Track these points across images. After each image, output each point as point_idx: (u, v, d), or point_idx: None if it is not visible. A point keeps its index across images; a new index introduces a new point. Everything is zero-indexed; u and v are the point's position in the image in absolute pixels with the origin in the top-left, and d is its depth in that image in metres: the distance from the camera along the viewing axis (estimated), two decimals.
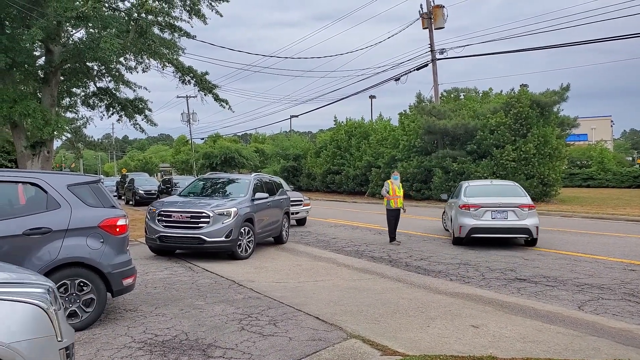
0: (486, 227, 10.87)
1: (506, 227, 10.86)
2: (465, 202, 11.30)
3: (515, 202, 11.13)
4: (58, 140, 21.48)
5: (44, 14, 13.44)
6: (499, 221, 10.87)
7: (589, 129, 55.99)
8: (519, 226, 10.80)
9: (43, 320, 2.64)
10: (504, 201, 11.15)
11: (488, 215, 10.92)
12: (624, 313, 5.94)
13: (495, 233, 10.96)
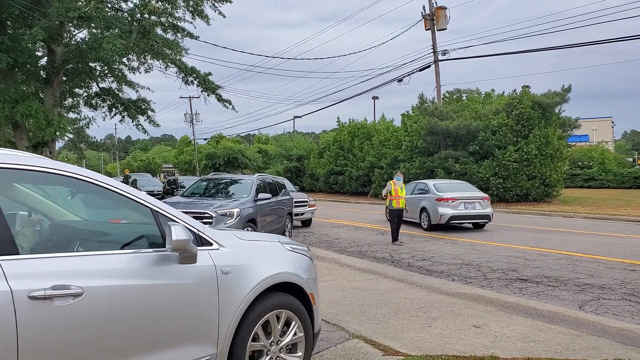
0: (461, 215, 14.29)
1: (475, 214, 14.46)
2: (442, 196, 14.40)
3: (479, 195, 14.94)
4: (60, 140, 21.60)
5: (46, 14, 13.50)
6: (470, 210, 14.38)
7: (590, 130, 55.96)
8: (483, 213, 14.55)
9: (312, 267, 4.04)
10: (471, 195, 14.75)
11: (462, 206, 14.33)
12: (624, 313, 5.96)
13: (468, 219, 14.54)
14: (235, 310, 3.14)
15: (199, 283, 2.99)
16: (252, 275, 3.29)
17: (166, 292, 2.81)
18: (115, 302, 2.57)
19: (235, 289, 3.16)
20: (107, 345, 2.54)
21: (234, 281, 3.17)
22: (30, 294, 2.27)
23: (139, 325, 2.68)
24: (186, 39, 16.69)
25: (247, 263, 3.32)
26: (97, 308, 2.48)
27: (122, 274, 2.65)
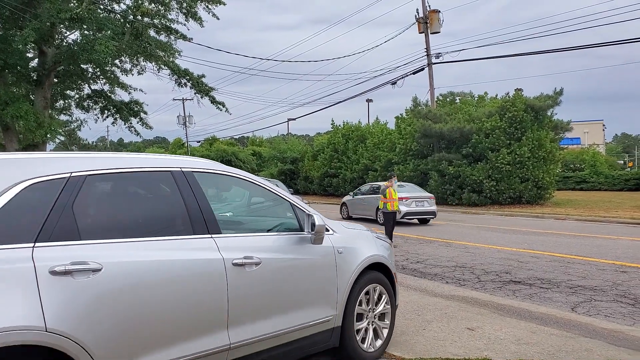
0: (413, 212, 16.63)
1: (424, 211, 16.83)
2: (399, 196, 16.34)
3: (426, 195, 17.33)
4: (51, 143, 21.42)
5: (37, 15, 13.40)
6: (420, 208, 16.73)
7: (582, 132, 56.43)
8: (431, 210, 16.94)
9: (392, 252, 4.85)
10: (420, 195, 17.24)
11: (414, 204, 16.68)
12: (616, 314, 5.98)
13: (418, 215, 16.88)
14: (347, 281, 4.06)
15: (324, 259, 3.94)
16: (357, 255, 4.23)
17: (305, 264, 3.78)
18: (278, 269, 3.54)
19: (346, 265, 4.10)
20: (274, 300, 3.48)
21: (346, 259, 4.11)
22: (233, 261, 3.21)
23: (291, 288, 3.63)
24: (179, 40, 16.65)
25: (352, 246, 4.26)
26: (268, 273, 3.43)
27: (280, 249, 3.61)
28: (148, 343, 2.74)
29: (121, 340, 2.61)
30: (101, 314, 2.54)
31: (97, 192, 2.88)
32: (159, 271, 2.84)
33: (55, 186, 2.64)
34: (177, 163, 3.35)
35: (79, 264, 2.51)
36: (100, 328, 2.52)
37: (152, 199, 3.22)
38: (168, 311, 2.85)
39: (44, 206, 2.56)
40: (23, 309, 2.28)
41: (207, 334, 3.03)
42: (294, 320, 3.61)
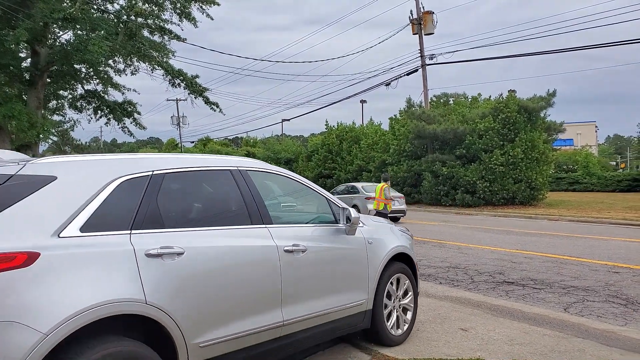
0: (392, 209, 16.65)
1: (399, 209, 17.83)
2: (370, 195, 17.20)
3: (397, 195, 18.27)
4: (44, 143, 21.29)
5: (30, 15, 13.32)
6: (396, 206, 17.27)
7: (575, 134, 56.78)
8: (401, 209, 18.05)
9: (413, 244, 5.31)
10: (396, 195, 18.01)
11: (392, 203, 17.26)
12: (608, 314, 6.02)
13: (395, 213, 17.38)
14: (376, 269, 4.53)
15: (357, 248, 4.39)
16: (384, 246, 4.70)
17: (341, 252, 4.24)
18: (320, 256, 4.01)
19: (376, 254, 4.55)
20: (318, 284, 3.97)
21: (375, 249, 4.56)
22: (284, 248, 3.65)
23: (331, 273, 4.11)
24: (173, 41, 16.63)
25: (380, 237, 4.72)
26: (312, 260, 3.91)
27: (320, 239, 4.08)
28: (220, 317, 3.17)
29: (200, 313, 3.03)
30: (184, 290, 2.96)
31: (174, 188, 3.30)
32: (228, 255, 3.31)
33: (142, 182, 3.07)
34: (234, 162, 3.85)
35: (167, 248, 2.95)
36: (184, 302, 2.94)
37: (216, 194, 3.69)
38: (236, 290, 3.30)
39: (134, 199, 2.99)
40: (128, 285, 2.70)
41: (266, 311, 3.48)
42: (333, 302, 4.07)
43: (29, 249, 2.43)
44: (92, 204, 2.79)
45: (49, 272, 2.46)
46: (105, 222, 2.80)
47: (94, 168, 3.01)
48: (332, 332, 4.18)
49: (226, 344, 3.19)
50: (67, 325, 2.38)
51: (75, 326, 2.41)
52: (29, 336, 2.28)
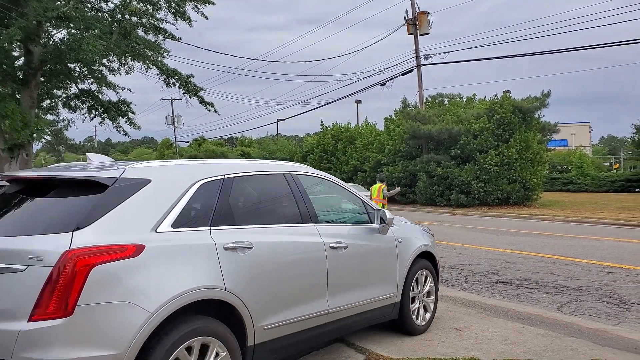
0: None
1: None
2: None
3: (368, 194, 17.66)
4: (38, 142, 21.16)
5: (23, 13, 13.22)
6: None
7: (569, 134, 57.04)
8: None
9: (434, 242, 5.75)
10: (365, 194, 17.65)
11: None
12: (601, 314, 6.05)
13: None
14: (404, 266, 4.98)
15: (388, 246, 4.85)
16: (412, 245, 5.15)
17: (375, 249, 4.70)
18: (358, 252, 4.44)
19: (404, 252, 5.00)
20: (356, 277, 4.41)
21: (404, 247, 5.02)
22: (330, 245, 4.10)
23: (367, 268, 4.54)
24: (168, 40, 16.50)
25: (408, 236, 5.17)
26: (352, 255, 4.34)
27: (358, 237, 4.53)
28: (280, 304, 3.62)
29: (265, 300, 3.48)
30: (253, 280, 3.40)
31: (240, 189, 3.72)
32: (286, 250, 3.78)
33: (216, 185, 3.49)
34: (286, 167, 4.29)
35: (240, 242, 3.38)
36: (253, 290, 3.38)
37: (273, 195, 4.09)
38: (292, 281, 3.76)
39: (212, 199, 3.43)
40: (211, 274, 3.15)
41: (315, 300, 3.94)
42: (368, 294, 4.52)
43: (136, 242, 2.88)
44: (179, 204, 3.21)
45: (152, 261, 2.90)
46: (190, 219, 3.26)
47: (178, 172, 3.45)
48: (366, 321, 4.65)
49: (284, 328, 3.65)
50: (168, 306, 2.85)
51: (174, 307, 2.88)
52: (140, 314, 2.74)
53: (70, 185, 3.13)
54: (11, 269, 2.66)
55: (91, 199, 2.94)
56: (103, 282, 2.69)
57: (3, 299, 2.65)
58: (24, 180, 3.39)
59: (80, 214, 2.85)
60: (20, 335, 2.54)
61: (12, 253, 2.71)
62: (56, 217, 2.96)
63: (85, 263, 2.65)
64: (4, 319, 2.60)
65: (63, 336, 2.57)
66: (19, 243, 2.75)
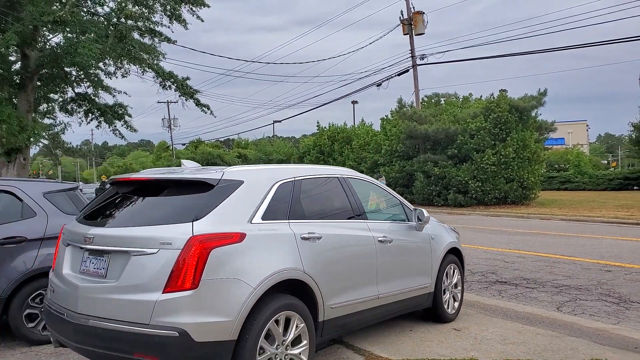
0: None
1: None
2: None
3: None
4: (35, 146, 21.06)
5: (19, 18, 13.19)
6: None
7: (566, 133, 57.15)
8: None
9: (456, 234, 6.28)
10: None
11: None
12: (601, 313, 6.05)
13: None
14: (437, 260, 5.56)
15: (423, 242, 5.43)
16: (443, 241, 5.75)
17: (414, 245, 5.31)
18: (401, 246, 5.07)
19: (437, 248, 5.59)
20: (399, 268, 5.02)
21: (436, 243, 5.60)
22: (378, 239, 4.71)
23: (408, 260, 5.18)
24: (164, 43, 16.48)
25: (439, 234, 5.75)
26: (396, 249, 4.95)
27: (399, 233, 5.13)
28: (342, 287, 4.25)
29: (331, 283, 4.10)
30: (323, 265, 4.04)
31: (307, 189, 4.34)
32: (346, 241, 4.42)
33: (290, 185, 4.15)
34: (339, 172, 4.95)
35: (311, 233, 4.02)
36: (323, 274, 4.01)
37: (331, 194, 4.66)
38: (351, 268, 4.40)
39: (288, 197, 4.07)
40: (293, 258, 3.79)
41: (369, 285, 4.57)
42: (408, 283, 5.11)
43: (239, 231, 3.53)
44: (265, 200, 3.87)
45: (251, 246, 3.54)
46: (274, 213, 3.88)
47: (262, 174, 4.12)
48: (406, 308, 5.24)
49: (345, 308, 4.27)
50: (266, 283, 3.50)
51: (270, 284, 3.52)
52: (246, 289, 3.39)
53: (181, 185, 3.80)
54: (145, 252, 3.28)
55: (202, 196, 3.60)
56: (218, 262, 3.33)
57: (140, 275, 3.27)
58: (136, 182, 4.01)
59: (195, 208, 3.49)
60: (157, 304, 3.17)
61: (145, 239, 3.34)
62: (176, 210, 3.60)
63: (206, 246, 3.29)
64: (142, 291, 3.23)
65: (190, 305, 3.20)
66: (150, 231, 3.38)
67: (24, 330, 4.98)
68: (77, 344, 3.46)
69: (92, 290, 3.44)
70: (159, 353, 3.16)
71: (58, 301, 3.71)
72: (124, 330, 3.21)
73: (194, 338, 3.17)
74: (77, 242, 3.74)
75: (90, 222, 3.86)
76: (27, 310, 5.01)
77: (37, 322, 5.05)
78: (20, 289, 4.98)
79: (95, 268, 3.55)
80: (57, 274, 3.90)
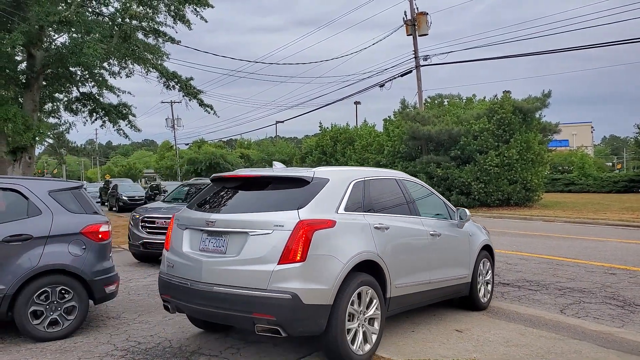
0: None
1: None
2: None
3: None
4: (40, 146, 21.16)
5: (25, 18, 13.26)
6: None
7: (570, 134, 56.98)
8: None
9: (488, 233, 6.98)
10: None
11: None
12: (605, 316, 6.02)
13: None
14: (474, 254, 6.28)
15: (463, 237, 6.16)
16: (478, 238, 6.49)
17: (456, 240, 6.02)
18: (446, 240, 5.77)
19: (474, 244, 6.34)
20: (445, 259, 5.73)
21: (473, 240, 6.36)
22: (430, 232, 5.47)
23: (452, 253, 5.90)
24: (167, 43, 16.52)
25: (475, 232, 6.50)
26: (443, 242, 5.69)
27: (445, 229, 5.84)
28: (403, 271, 5.01)
29: (396, 266, 4.88)
30: (391, 251, 4.82)
31: (374, 188, 5.12)
32: (406, 233, 5.20)
33: (361, 183, 4.95)
34: (396, 174, 5.81)
35: (381, 224, 4.82)
36: (391, 258, 4.79)
37: (391, 193, 5.41)
38: (410, 256, 5.20)
39: (360, 193, 4.86)
40: (369, 243, 4.59)
41: (422, 272, 5.32)
42: (452, 273, 5.80)
43: (331, 218, 4.35)
44: (346, 195, 4.66)
45: (340, 231, 4.36)
46: (352, 206, 4.67)
47: (342, 174, 4.96)
48: (448, 294, 5.90)
49: (405, 289, 5.03)
50: (352, 261, 4.31)
51: (355, 262, 4.34)
52: (339, 264, 4.21)
53: (282, 181, 4.69)
54: (262, 233, 4.16)
55: (300, 190, 4.46)
56: (319, 241, 4.14)
57: (258, 251, 4.12)
58: (243, 178, 4.94)
59: (297, 199, 4.35)
60: (273, 273, 4.01)
61: (261, 223, 4.21)
62: (282, 200, 4.44)
63: (310, 229, 4.13)
64: (260, 263, 4.08)
65: (299, 274, 4.02)
66: (264, 216, 4.24)
67: (29, 327, 5.01)
68: (200, 307, 4.33)
69: (215, 264, 4.28)
70: (275, 312, 3.96)
71: (179, 273, 4.53)
72: (244, 294, 4.06)
73: (303, 301, 3.97)
74: (197, 226, 4.56)
75: (208, 210, 4.73)
76: (32, 307, 5.04)
77: (42, 319, 5.08)
78: (26, 286, 5.01)
79: (214, 246, 4.39)
80: (175, 252, 4.70)
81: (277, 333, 4.01)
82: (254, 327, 4.06)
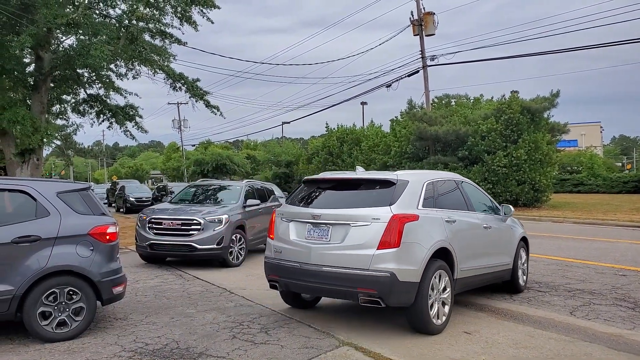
0: None
1: None
2: None
3: None
4: (48, 147, 21.29)
5: (33, 20, 13.35)
6: None
7: (579, 134, 56.53)
8: None
9: (523, 226, 8.00)
10: None
11: None
12: (616, 318, 5.95)
13: None
14: (514, 245, 7.22)
15: (507, 229, 7.16)
16: (517, 230, 7.49)
17: (501, 232, 6.96)
18: (495, 232, 6.71)
19: (514, 235, 7.32)
20: (494, 248, 6.69)
21: (514, 232, 7.35)
22: (483, 225, 6.52)
23: (499, 243, 6.85)
24: (174, 45, 16.58)
25: (515, 225, 7.51)
26: (492, 234, 6.65)
27: (493, 222, 6.76)
28: (467, 257, 5.92)
29: (462, 252, 5.77)
30: (457, 240, 5.73)
31: (439, 187, 6.05)
32: (468, 225, 6.17)
33: (432, 184, 5.89)
34: (454, 176, 6.79)
35: (450, 218, 5.77)
36: (458, 246, 5.70)
37: (452, 192, 6.32)
38: (471, 244, 6.11)
39: (432, 192, 5.81)
40: (442, 234, 5.54)
41: (479, 258, 6.28)
42: (500, 260, 6.75)
43: (415, 213, 5.32)
44: (422, 194, 5.60)
45: (421, 224, 5.31)
46: (427, 203, 5.61)
47: (418, 176, 5.87)
48: (495, 279, 6.79)
49: (468, 271, 5.95)
50: (432, 247, 5.30)
51: (435, 248, 5.33)
52: (423, 250, 5.22)
53: (373, 182, 5.72)
54: (362, 224, 5.17)
55: (388, 190, 5.42)
56: (408, 231, 5.10)
57: (359, 238, 5.13)
58: (337, 180, 6.12)
59: (387, 197, 5.33)
60: (374, 256, 5.02)
61: (360, 216, 5.21)
62: (375, 198, 5.40)
63: (402, 221, 5.11)
64: (362, 248, 5.08)
65: (395, 257, 5.01)
66: (363, 211, 5.24)
67: (38, 327, 5.03)
68: (310, 284, 5.36)
69: (322, 249, 5.30)
70: (377, 287, 4.94)
71: (289, 258, 5.53)
72: (350, 272, 5.07)
73: (399, 278, 4.95)
74: (302, 219, 5.56)
75: (311, 206, 5.72)
76: (41, 308, 5.06)
77: (50, 319, 5.09)
78: (34, 287, 5.03)
79: (319, 235, 5.40)
80: (282, 240, 5.69)
81: (377, 304, 4.97)
82: (358, 300, 5.03)
